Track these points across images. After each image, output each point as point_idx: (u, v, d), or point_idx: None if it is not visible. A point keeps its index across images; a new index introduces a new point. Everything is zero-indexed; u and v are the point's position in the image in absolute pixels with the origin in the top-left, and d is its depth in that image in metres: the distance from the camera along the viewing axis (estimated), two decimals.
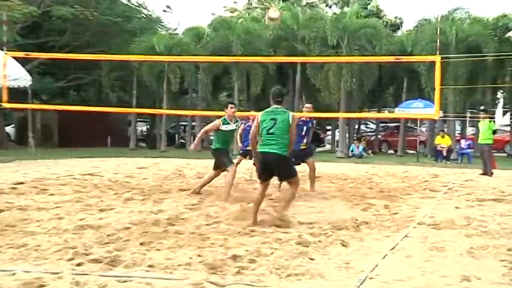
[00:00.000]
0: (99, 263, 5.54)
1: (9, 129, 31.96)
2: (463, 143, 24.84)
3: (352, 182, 13.68)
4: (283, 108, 7.79)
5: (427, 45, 23.99)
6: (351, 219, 8.11)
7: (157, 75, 28.79)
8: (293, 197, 8.12)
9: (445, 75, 22.08)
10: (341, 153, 26.69)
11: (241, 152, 13.64)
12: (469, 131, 29.34)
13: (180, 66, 28.11)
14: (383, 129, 34.04)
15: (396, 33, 35.16)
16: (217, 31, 28.93)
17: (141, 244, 6.37)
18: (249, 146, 8.93)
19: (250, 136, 8.05)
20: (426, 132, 30.47)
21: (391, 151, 30.32)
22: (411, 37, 27.21)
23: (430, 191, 11.93)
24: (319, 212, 8.69)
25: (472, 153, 23.55)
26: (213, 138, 10.70)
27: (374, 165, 19.37)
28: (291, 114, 7.73)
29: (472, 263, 5.84)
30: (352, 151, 26.39)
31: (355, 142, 27.53)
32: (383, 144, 31.67)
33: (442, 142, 23.85)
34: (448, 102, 25.06)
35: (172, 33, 34.94)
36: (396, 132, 30.41)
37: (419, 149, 26.71)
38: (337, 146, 29.07)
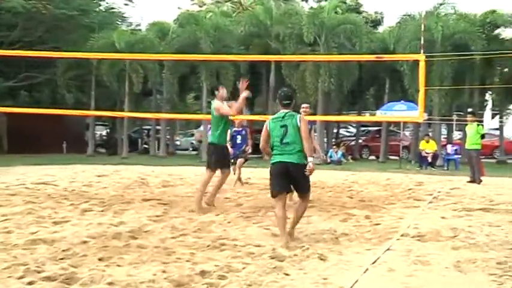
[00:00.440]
0: (52, 281, 5.46)
1: None
2: (450, 148, 25.09)
3: (330, 191, 13.73)
4: (291, 112, 7.68)
5: (411, 42, 24.29)
6: (329, 231, 8.13)
7: (117, 74, 28.64)
8: (303, 213, 7.95)
9: (430, 75, 22.35)
10: (318, 159, 26.77)
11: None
12: (456, 136, 29.72)
13: (143, 64, 27.99)
14: (364, 133, 34.30)
15: (377, 29, 35.53)
16: (183, 27, 28.90)
17: (100, 259, 6.30)
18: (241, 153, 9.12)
19: (261, 144, 7.88)
20: (410, 136, 30.80)
21: (373, 157, 30.57)
22: (393, 34, 27.48)
23: (414, 200, 12.01)
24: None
25: (459, 159, 23.82)
26: (217, 132, 10.36)
27: (354, 172, 19.49)
28: (298, 116, 7.66)
29: (459, 278, 5.89)
30: (330, 157, 26.50)
31: (333, 147, 27.68)
32: (364, 149, 31.92)
33: (427, 147, 24.05)
34: (433, 104, 25.36)
35: (134, 28, 34.81)
36: (378, 136, 30.66)
37: (402, 155, 26.93)
38: (314, 152, 29.19)
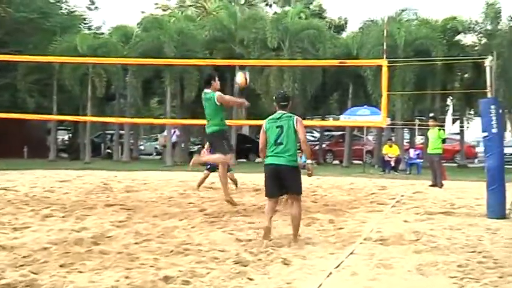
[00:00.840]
0: None
1: None
2: (412, 153, 25.34)
3: None
4: (288, 113, 7.77)
5: (374, 48, 24.51)
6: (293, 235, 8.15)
7: (80, 78, 28.36)
8: (300, 217, 7.82)
9: (393, 80, 22.58)
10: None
11: None
12: (418, 140, 30.10)
13: (106, 68, 27.78)
14: (327, 138, 34.48)
15: (340, 35, 35.83)
16: (147, 31, 28.73)
17: (61, 266, 6.21)
18: None
19: (260, 147, 7.91)
20: (373, 141, 31.08)
21: (336, 161, 30.77)
22: (356, 39, 27.74)
23: (377, 204, 12.11)
24: (258, 228, 8.69)
25: (421, 163, 24.10)
26: (220, 119, 9.98)
27: (318, 176, 19.51)
28: (295, 117, 7.72)
29: (421, 281, 5.96)
30: None
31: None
32: (328, 154, 32.09)
33: (390, 152, 24.27)
34: (396, 109, 25.62)
35: (96, 32, 34.51)
36: (341, 141, 30.89)
37: (365, 159, 27.20)
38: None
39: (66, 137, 38.14)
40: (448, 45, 26.17)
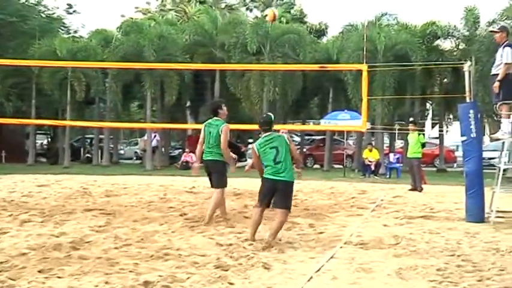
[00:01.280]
0: None
1: None
2: (392, 157, 25.47)
3: None
4: (275, 133, 8.34)
5: (354, 53, 24.61)
6: (274, 239, 8.15)
7: (59, 82, 28.14)
8: (281, 226, 8.19)
9: (373, 85, 22.70)
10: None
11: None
12: (398, 144, 30.27)
13: (86, 72, 27.60)
14: (308, 142, 34.57)
15: (321, 39, 35.91)
16: (127, 35, 28.62)
17: (40, 271, 6.16)
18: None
19: (257, 169, 8.43)
20: (353, 145, 31.19)
21: (317, 166, 30.83)
22: (337, 44, 27.84)
23: (358, 208, 12.17)
24: (239, 233, 8.70)
25: (401, 167, 24.25)
26: (219, 147, 9.62)
27: (298, 181, 19.45)
28: (285, 135, 8.44)
29: (401, 284, 6.00)
30: None
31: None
32: (308, 158, 32.10)
33: (370, 156, 24.38)
34: (376, 113, 25.75)
35: (76, 36, 34.31)
36: (322, 145, 30.94)
37: (346, 163, 27.30)
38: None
39: (45, 142, 37.85)
40: (427, 50, 26.31)
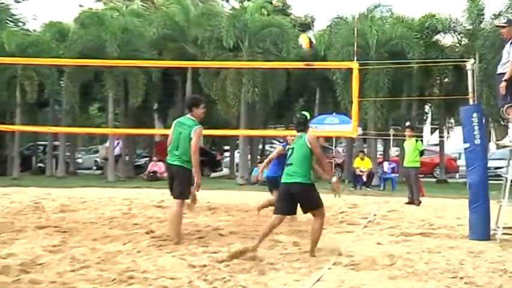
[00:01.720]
0: None
1: None
2: (386, 166, 25.57)
3: (255, 215, 13.77)
4: (304, 134, 8.80)
5: (343, 49, 24.75)
6: (254, 259, 8.15)
7: (7, 81, 27.99)
8: (320, 231, 8.70)
9: (364, 85, 22.87)
10: (241, 179, 26.89)
11: None
12: (393, 152, 30.43)
13: (38, 70, 27.45)
14: None
15: (307, 34, 36.02)
16: (86, 27, 28.52)
17: None
18: None
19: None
20: (343, 153, 31.31)
21: None
22: (324, 39, 27.97)
23: (348, 225, 12.21)
24: (214, 252, 8.69)
25: (397, 178, 24.38)
26: (189, 152, 9.45)
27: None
28: (307, 135, 8.74)
29: None
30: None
31: (258, 166, 27.77)
32: None
33: (362, 165, 24.47)
34: (368, 117, 25.88)
35: (26, 28, 34.14)
36: None
37: (335, 173, 27.37)
38: (237, 171, 29.31)
39: None
40: (426, 46, 26.48)
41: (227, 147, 35.36)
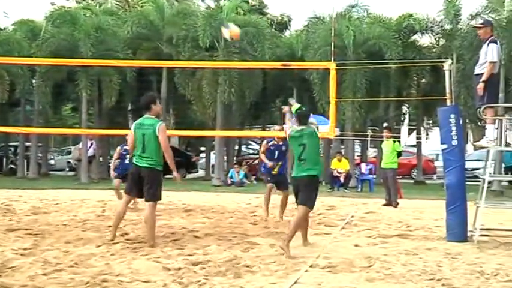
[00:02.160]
0: None
1: None
2: (364, 168, 25.69)
3: (231, 216, 13.78)
4: (308, 128, 9.27)
5: (320, 49, 24.76)
6: (230, 262, 8.15)
7: None
8: (297, 224, 9.26)
9: (342, 85, 22.94)
10: (217, 180, 26.85)
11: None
12: (371, 153, 30.56)
13: (9, 69, 27.19)
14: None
15: (283, 33, 36.07)
16: (58, 26, 28.30)
17: None
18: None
19: None
20: (320, 154, 31.35)
21: None
22: (301, 39, 28.01)
23: (325, 226, 12.25)
24: (189, 255, 8.67)
25: (374, 179, 24.49)
26: (158, 152, 9.47)
27: (258, 195, 19.55)
28: (315, 129, 9.39)
29: None
30: (231, 177, 26.63)
31: (235, 167, 27.78)
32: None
33: (339, 166, 24.50)
34: (346, 118, 25.91)
35: None
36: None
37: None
38: (212, 172, 29.25)
39: None
40: (404, 46, 26.53)
41: (203, 148, 35.25)
